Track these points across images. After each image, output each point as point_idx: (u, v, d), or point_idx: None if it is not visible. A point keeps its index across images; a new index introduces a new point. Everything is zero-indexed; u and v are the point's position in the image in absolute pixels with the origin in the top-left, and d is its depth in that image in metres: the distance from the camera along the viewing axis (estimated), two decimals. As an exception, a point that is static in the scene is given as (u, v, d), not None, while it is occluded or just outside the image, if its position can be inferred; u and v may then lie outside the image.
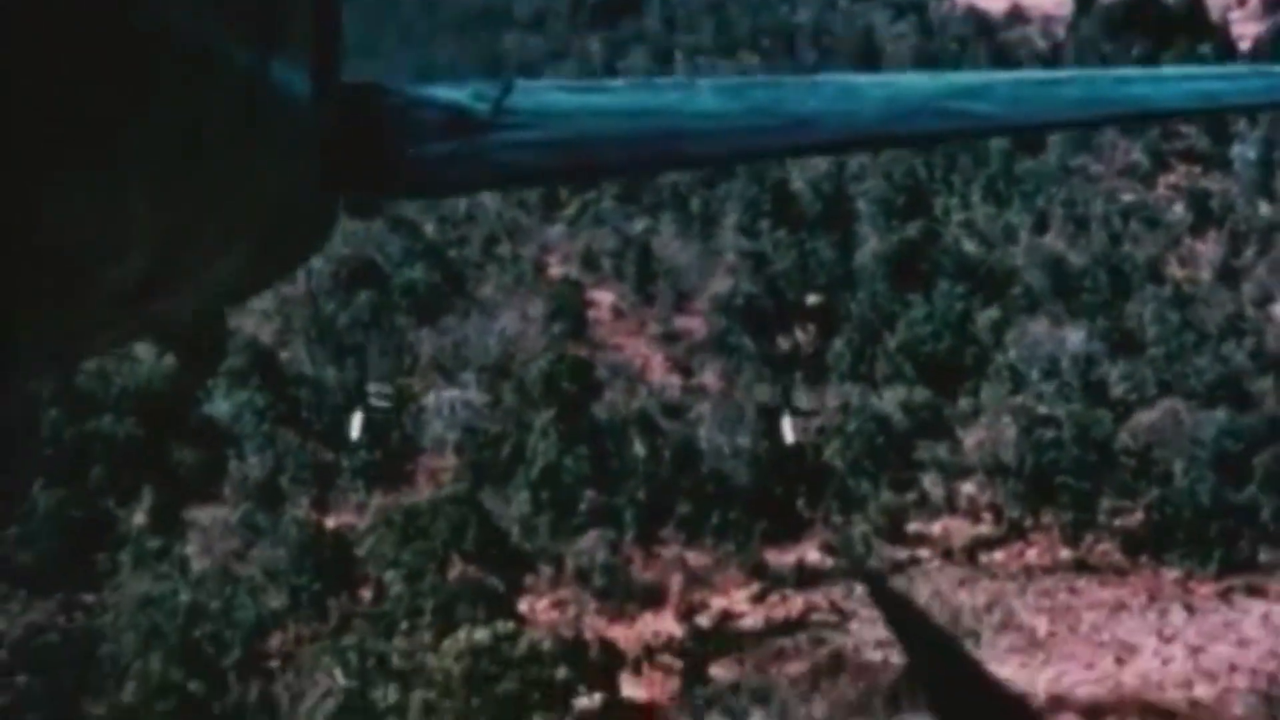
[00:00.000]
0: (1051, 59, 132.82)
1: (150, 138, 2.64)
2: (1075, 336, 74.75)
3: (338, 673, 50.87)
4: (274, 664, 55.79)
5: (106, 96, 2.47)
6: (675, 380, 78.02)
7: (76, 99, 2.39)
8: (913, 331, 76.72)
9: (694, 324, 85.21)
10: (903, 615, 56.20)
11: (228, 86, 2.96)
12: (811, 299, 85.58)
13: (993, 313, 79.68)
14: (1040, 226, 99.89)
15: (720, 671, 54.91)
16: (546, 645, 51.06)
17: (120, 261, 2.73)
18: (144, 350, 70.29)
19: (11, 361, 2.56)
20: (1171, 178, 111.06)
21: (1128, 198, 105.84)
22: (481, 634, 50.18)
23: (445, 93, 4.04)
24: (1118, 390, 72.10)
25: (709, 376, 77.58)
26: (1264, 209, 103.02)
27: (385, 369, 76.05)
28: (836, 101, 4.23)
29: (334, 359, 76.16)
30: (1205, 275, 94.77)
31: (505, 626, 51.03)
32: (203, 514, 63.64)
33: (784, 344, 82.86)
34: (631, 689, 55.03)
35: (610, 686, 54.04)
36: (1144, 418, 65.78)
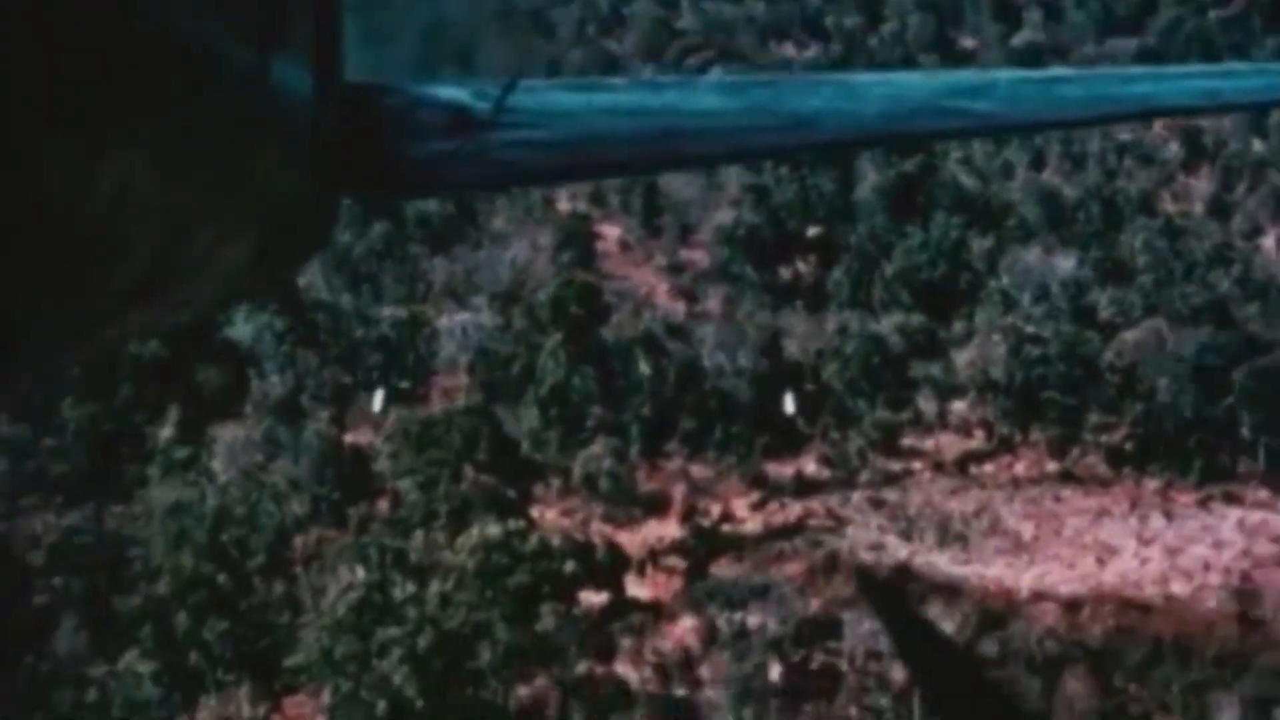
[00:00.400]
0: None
1: (153, 138, 2.69)
2: (1066, 263, 77.31)
3: (359, 568, 53.74)
4: (297, 568, 58.69)
5: (109, 97, 2.52)
6: (680, 307, 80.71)
7: (79, 100, 2.45)
8: (909, 259, 79.26)
9: (698, 255, 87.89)
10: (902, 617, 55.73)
11: (230, 87, 3.02)
12: (812, 230, 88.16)
13: (987, 242, 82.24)
14: (1037, 163, 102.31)
15: (721, 571, 57.74)
16: (556, 542, 53.92)
17: (123, 261, 2.77)
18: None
19: (14, 360, 2.68)
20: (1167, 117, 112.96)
21: (1124, 136, 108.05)
22: (494, 530, 52.99)
23: (446, 92, 4.10)
24: (1106, 314, 74.71)
25: (712, 303, 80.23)
26: (1256, 146, 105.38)
27: (400, 295, 78.81)
28: (837, 100, 4.31)
29: (350, 286, 78.90)
30: (1197, 209, 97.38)
31: (516, 524, 53.88)
32: (226, 430, 66.42)
33: (785, 273, 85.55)
34: (636, 589, 57.89)
35: (616, 585, 56.88)
36: (1129, 336, 68.36)
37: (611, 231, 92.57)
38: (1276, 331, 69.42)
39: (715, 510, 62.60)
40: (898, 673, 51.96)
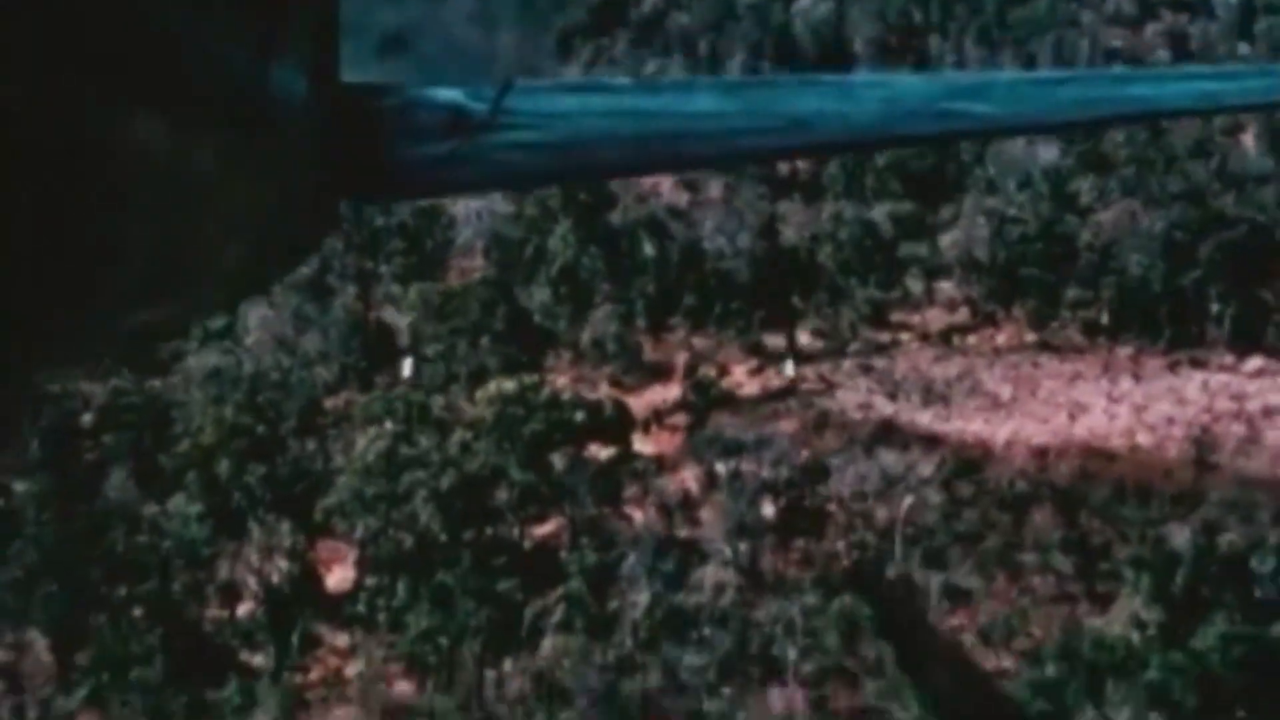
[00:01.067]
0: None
1: (149, 141, 2.68)
2: (1049, 153, 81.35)
3: (386, 421, 58.35)
4: (328, 427, 63.32)
5: (105, 99, 2.52)
6: (684, 197, 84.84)
7: (76, 100, 2.45)
8: (900, 150, 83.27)
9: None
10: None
11: (225, 88, 3.01)
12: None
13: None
14: (1029, 69, 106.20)
15: (721, 428, 62.23)
16: (567, 395, 58.47)
17: (117, 269, 2.76)
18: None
19: (13, 369, 2.70)
20: (1159, 25, 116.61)
21: (1115, 43, 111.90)
22: (509, 384, 57.55)
23: (443, 93, 4.13)
24: (1086, 200, 78.83)
25: (714, 194, 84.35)
26: (1243, 49, 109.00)
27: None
28: (835, 101, 4.33)
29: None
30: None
31: (530, 378, 58.41)
32: (257, 309, 70.76)
33: (784, 168, 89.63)
34: (642, 445, 62.44)
35: (623, 440, 61.40)
36: (1104, 217, 72.53)
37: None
38: (1241, 209, 73.47)
39: (715, 375, 67.08)
40: (881, 512, 56.60)
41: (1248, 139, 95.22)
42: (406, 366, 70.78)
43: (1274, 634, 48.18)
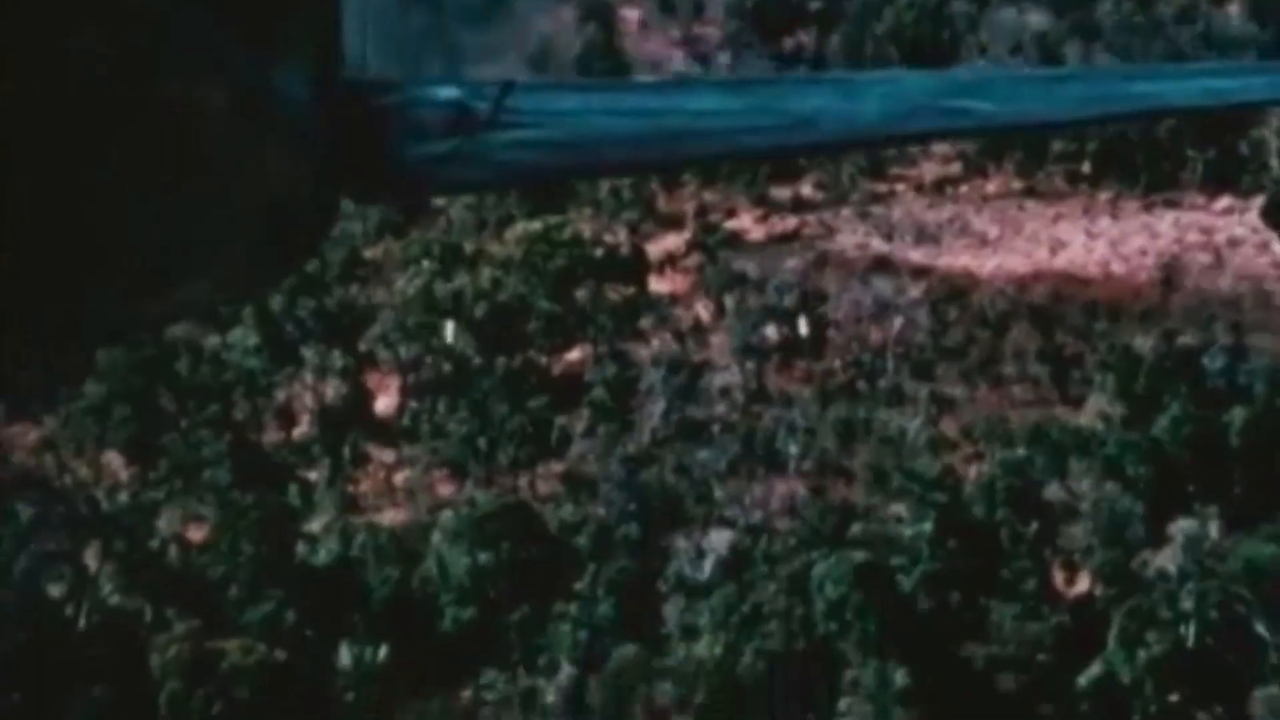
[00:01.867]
0: None
1: (153, 138, 2.76)
2: (1039, 18, 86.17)
3: (423, 260, 63.96)
4: (367, 274, 68.98)
5: (109, 98, 2.60)
6: (695, 70, 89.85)
7: (81, 100, 2.53)
8: (898, 20, 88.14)
9: (711, 31, 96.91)
10: None
11: (228, 85, 3.06)
12: (814, 4, 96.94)
13: (970, 8, 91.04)
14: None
15: (729, 263, 67.75)
16: (588, 234, 63.98)
17: (121, 263, 2.83)
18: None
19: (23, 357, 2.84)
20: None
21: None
22: (535, 225, 63.05)
23: (445, 91, 3.99)
24: (1072, 62, 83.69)
25: (722, 62, 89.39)
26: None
27: (438, 66, 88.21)
28: (837, 99, 4.22)
29: (396, 60, 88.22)
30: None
31: (555, 219, 63.91)
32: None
33: (789, 43, 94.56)
34: (657, 286, 68.03)
35: (640, 282, 66.97)
36: (1087, 72, 77.48)
37: (631, 15, 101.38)
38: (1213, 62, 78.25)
39: (725, 224, 72.52)
40: (875, 333, 62.22)
41: (1234, 6, 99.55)
42: (449, 331, 75.86)
43: (1220, 419, 53.82)
